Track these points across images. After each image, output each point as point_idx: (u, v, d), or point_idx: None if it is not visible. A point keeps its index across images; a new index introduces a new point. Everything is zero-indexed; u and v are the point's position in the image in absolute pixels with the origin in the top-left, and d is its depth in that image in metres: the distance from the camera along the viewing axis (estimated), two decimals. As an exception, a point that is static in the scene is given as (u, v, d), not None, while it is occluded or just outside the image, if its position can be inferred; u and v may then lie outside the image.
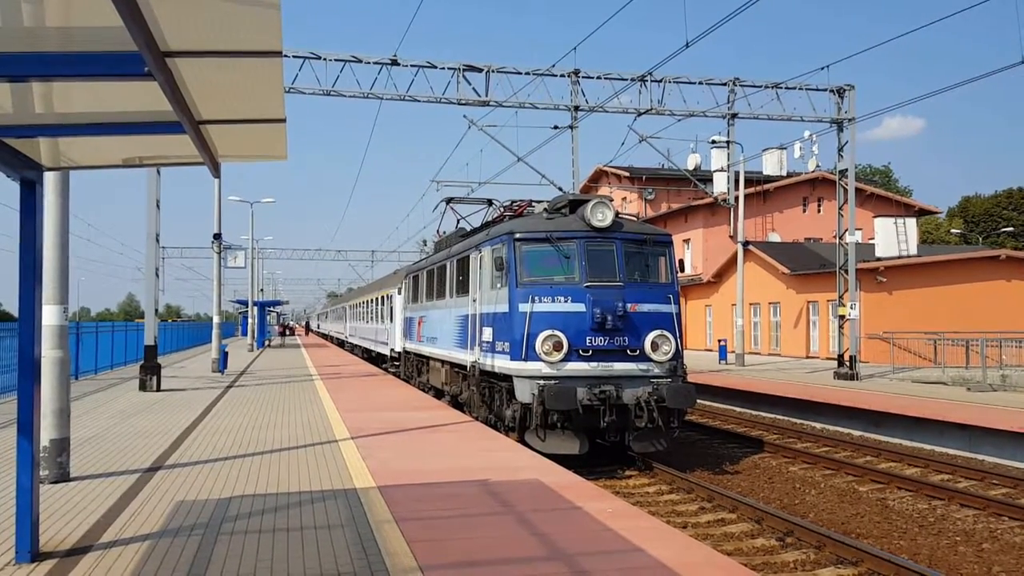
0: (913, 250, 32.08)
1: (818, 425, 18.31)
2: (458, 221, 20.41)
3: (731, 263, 34.95)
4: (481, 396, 14.03)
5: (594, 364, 11.75)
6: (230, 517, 6.75)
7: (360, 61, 22.12)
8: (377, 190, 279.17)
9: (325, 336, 74.54)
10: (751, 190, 38.02)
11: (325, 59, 21.88)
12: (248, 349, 42.10)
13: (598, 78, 23.90)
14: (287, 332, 62.14)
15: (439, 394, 18.20)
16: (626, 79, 23.69)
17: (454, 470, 8.76)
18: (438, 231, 22.14)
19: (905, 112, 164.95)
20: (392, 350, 26.45)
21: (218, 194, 28.56)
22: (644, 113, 24.25)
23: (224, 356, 25.11)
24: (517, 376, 11.85)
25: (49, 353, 8.12)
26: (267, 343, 52.78)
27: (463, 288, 15.16)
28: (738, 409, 21.46)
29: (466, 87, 22.77)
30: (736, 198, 31.16)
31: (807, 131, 36.42)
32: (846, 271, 23.97)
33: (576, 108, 23.86)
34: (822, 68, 25.57)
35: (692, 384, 12.24)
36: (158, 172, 18.16)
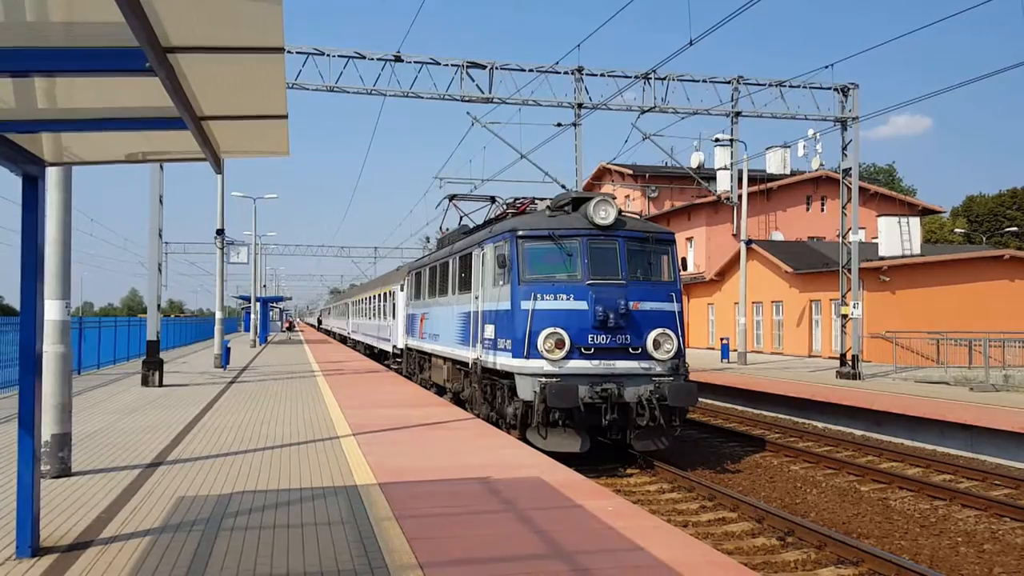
0: (916, 249, 32.03)
1: (820, 424, 18.30)
2: (461, 218, 20.42)
3: (734, 261, 34.89)
4: (483, 393, 14.03)
5: (596, 362, 11.75)
6: (231, 513, 6.76)
7: (364, 57, 22.10)
8: (380, 187, 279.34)
9: (328, 332, 74.58)
10: (754, 188, 37.97)
11: (329, 55, 21.86)
12: (251, 345, 42.13)
13: (602, 75, 23.84)
14: (292, 328, 62.56)
15: (441, 391, 18.20)
16: (630, 77, 23.63)
17: (455, 467, 8.76)
18: (441, 228, 22.18)
19: (911, 111, 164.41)
20: (394, 347, 26.47)
21: (221, 190, 28.57)
22: (648, 111, 24.20)
23: (226, 352, 25.12)
24: (519, 373, 11.84)
25: (51, 348, 8.12)
26: (269, 339, 52.83)
27: (465, 285, 15.16)
28: (740, 408, 21.46)
29: (469, 84, 22.74)
30: (739, 196, 31.10)
31: (811, 130, 36.35)
32: (849, 270, 23.92)
33: (579, 105, 23.81)
34: (826, 67, 25.54)
35: (694, 382, 12.24)
36: (161, 168, 18.18)
